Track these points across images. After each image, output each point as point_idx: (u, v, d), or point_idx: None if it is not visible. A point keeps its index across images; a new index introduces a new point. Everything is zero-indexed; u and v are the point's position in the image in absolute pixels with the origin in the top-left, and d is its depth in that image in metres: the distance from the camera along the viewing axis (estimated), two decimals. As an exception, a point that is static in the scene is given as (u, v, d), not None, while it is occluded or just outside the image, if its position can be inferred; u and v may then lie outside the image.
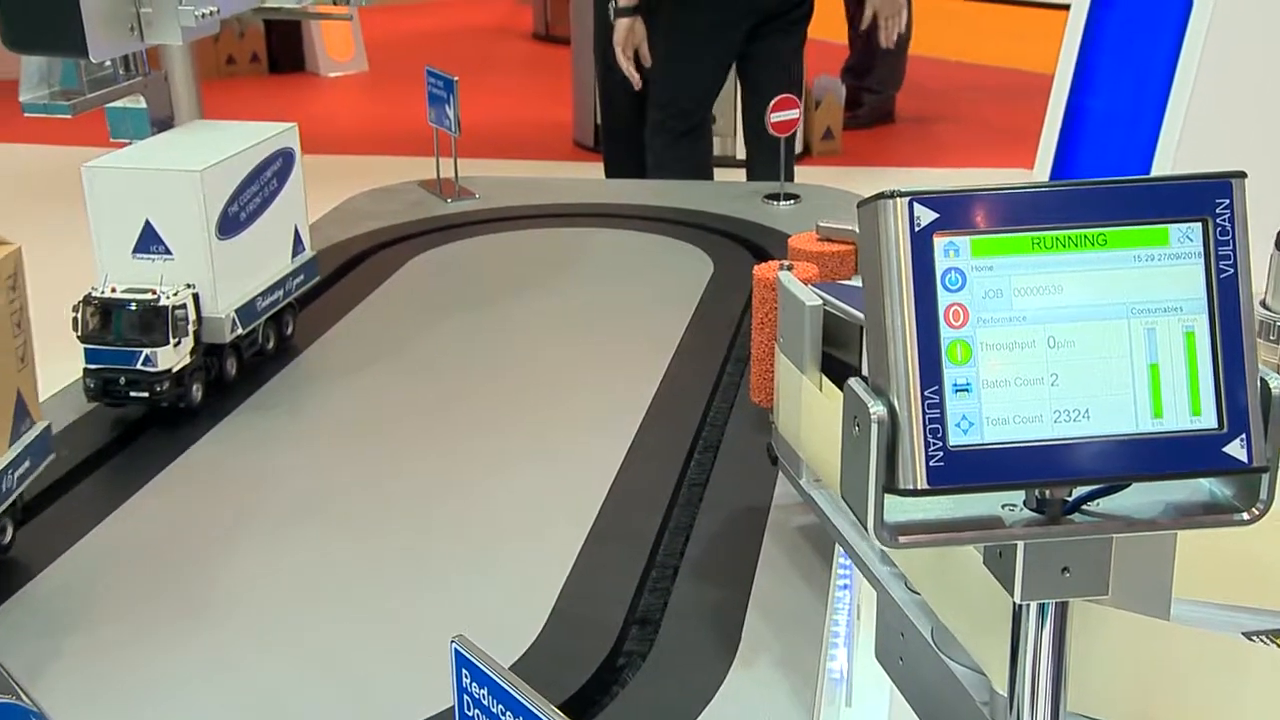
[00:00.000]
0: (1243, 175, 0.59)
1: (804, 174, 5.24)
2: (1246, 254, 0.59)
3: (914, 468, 0.58)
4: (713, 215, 2.10)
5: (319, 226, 2.08)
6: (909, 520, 0.60)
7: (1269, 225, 1.01)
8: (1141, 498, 0.61)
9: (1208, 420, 0.59)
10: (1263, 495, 0.59)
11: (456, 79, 2.11)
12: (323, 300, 1.77)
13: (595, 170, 4.24)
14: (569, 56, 5.80)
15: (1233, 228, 0.59)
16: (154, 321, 1.33)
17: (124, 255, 1.39)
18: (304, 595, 1.13)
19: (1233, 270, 0.59)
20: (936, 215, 0.58)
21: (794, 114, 2.06)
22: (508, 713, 0.62)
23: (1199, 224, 0.59)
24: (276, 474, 1.35)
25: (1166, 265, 0.59)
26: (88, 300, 1.36)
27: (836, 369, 1.07)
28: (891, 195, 0.59)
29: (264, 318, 1.52)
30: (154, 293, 1.34)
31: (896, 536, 0.60)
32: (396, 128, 6.20)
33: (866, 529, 0.60)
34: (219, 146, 1.47)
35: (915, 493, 0.58)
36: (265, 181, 1.53)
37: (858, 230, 0.62)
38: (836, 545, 1.11)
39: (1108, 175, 3.76)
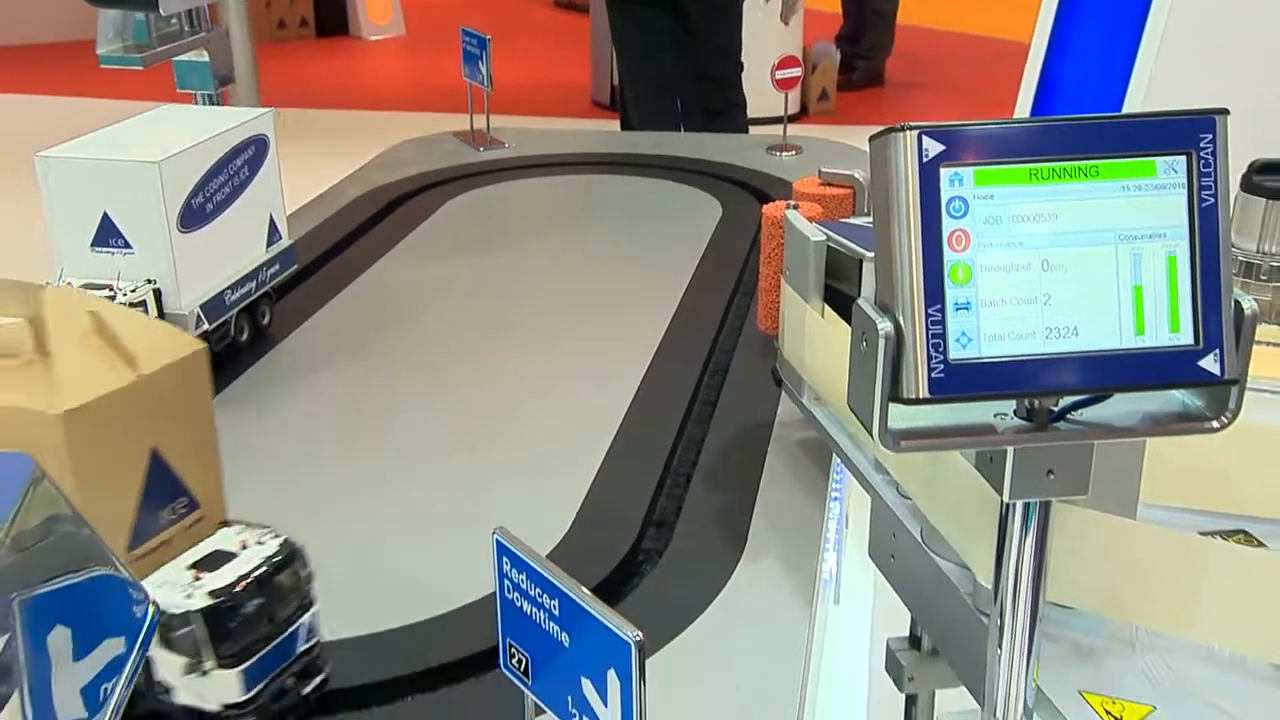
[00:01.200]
0: (1225, 112, 0.58)
1: (802, 130, 5.20)
2: (1226, 185, 0.58)
3: (917, 379, 0.57)
4: (720, 164, 2.08)
5: (367, 172, 2.07)
6: (910, 427, 0.59)
7: (1232, 173, 1.00)
8: (1121, 408, 0.60)
9: (1185, 337, 0.58)
10: (1231, 405, 0.58)
11: (490, 37, 2.09)
12: (369, 238, 1.77)
13: (612, 126, 4.21)
14: (589, 24, 5.73)
15: (1215, 161, 0.57)
16: None
17: (83, 248, 1.21)
18: (355, 498, 1.13)
19: (1213, 200, 0.57)
20: (943, 148, 0.57)
21: (796, 72, 2.03)
22: (544, 595, 0.62)
23: (1184, 157, 0.57)
24: (331, 388, 1.34)
25: (1152, 195, 0.58)
26: None
27: (837, 299, 1.06)
28: (903, 129, 0.57)
29: (235, 310, 1.33)
30: (110, 289, 1.16)
31: (899, 442, 0.59)
32: (431, 85, 6.15)
33: (872, 435, 0.59)
34: (184, 135, 1.26)
35: (917, 401, 0.57)
36: (235, 170, 1.32)
37: (869, 162, 0.60)
38: (834, 456, 1.11)
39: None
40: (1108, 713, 0.67)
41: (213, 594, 0.72)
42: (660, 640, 0.89)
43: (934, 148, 0.57)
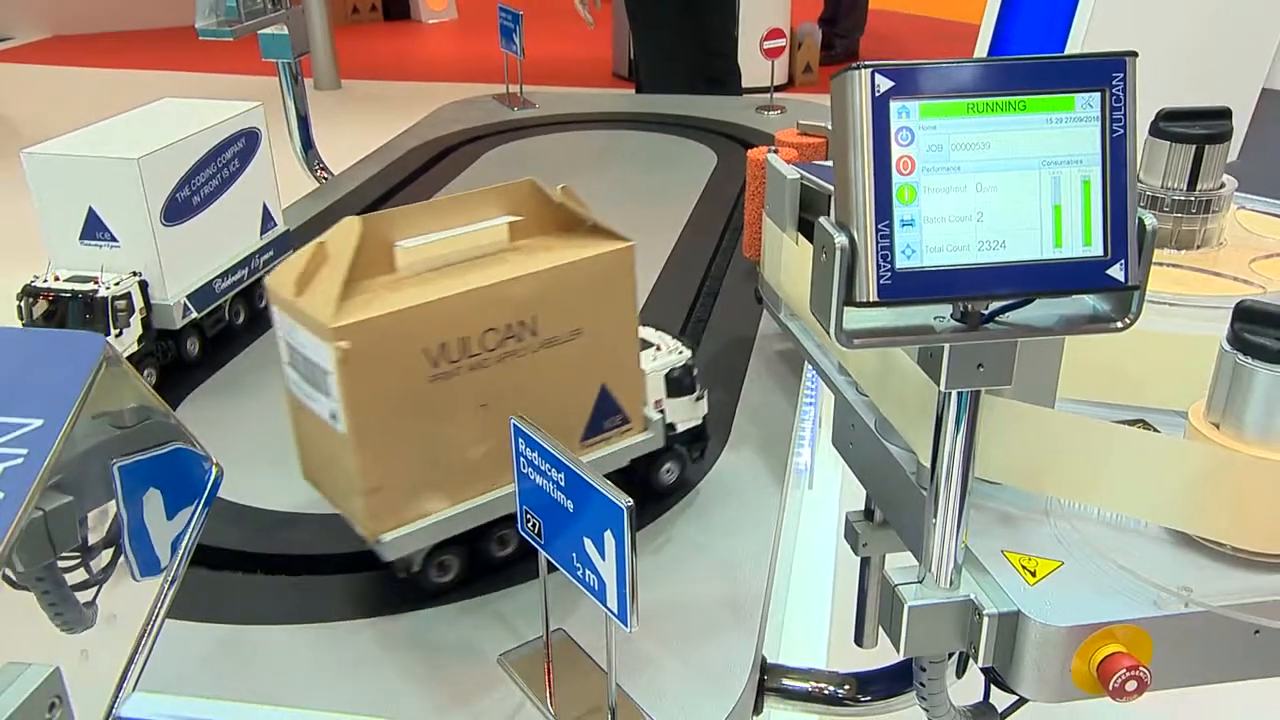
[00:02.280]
0: (1134, 54, 0.55)
1: (788, 96, 5.09)
2: (1135, 118, 0.55)
3: (868, 285, 0.55)
4: (718, 121, 2.03)
5: (418, 129, 2.03)
6: (862, 328, 0.57)
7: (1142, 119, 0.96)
8: (1041, 311, 0.58)
9: (1096, 249, 0.55)
10: (1133, 308, 0.57)
11: (522, 13, 2.03)
12: (421, 182, 1.73)
13: (629, 93, 4.13)
14: (610, 7, 5.60)
15: (1125, 97, 0.55)
16: (94, 312, 1.01)
17: (71, 242, 1.06)
18: None
19: (1123, 131, 0.55)
20: (893, 84, 0.55)
21: (782, 42, 1.98)
22: (551, 469, 0.61)
23: (1098, 93, 0.55)
24: None
25: (1071, 126, 0.55)
26: (28, 290, 1.03)
27: (809, 229, 1.04)
28: (858, 68, 0.55)
29: (227, 297, 1.18)
30: (95, 282, 1.03)
31: (852, 340, 0.57)
32: (477, 61, 6.05)
33: (829, 334, 0.58)
34: (171, 130, 1.11)
35: (868, 304, 0.55)
36: (224, 163, 1.18)
37: (830, 99, 0.58)
38: (805, 363, 1.09)
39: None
40: (1024, 567, 0.65)
41: (685, 356, 0.88)
42: (655, 513, 0.87)
43: (884, 84, 0.55)
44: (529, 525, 0.65)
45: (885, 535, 0.86)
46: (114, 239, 1.06)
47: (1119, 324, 0.57)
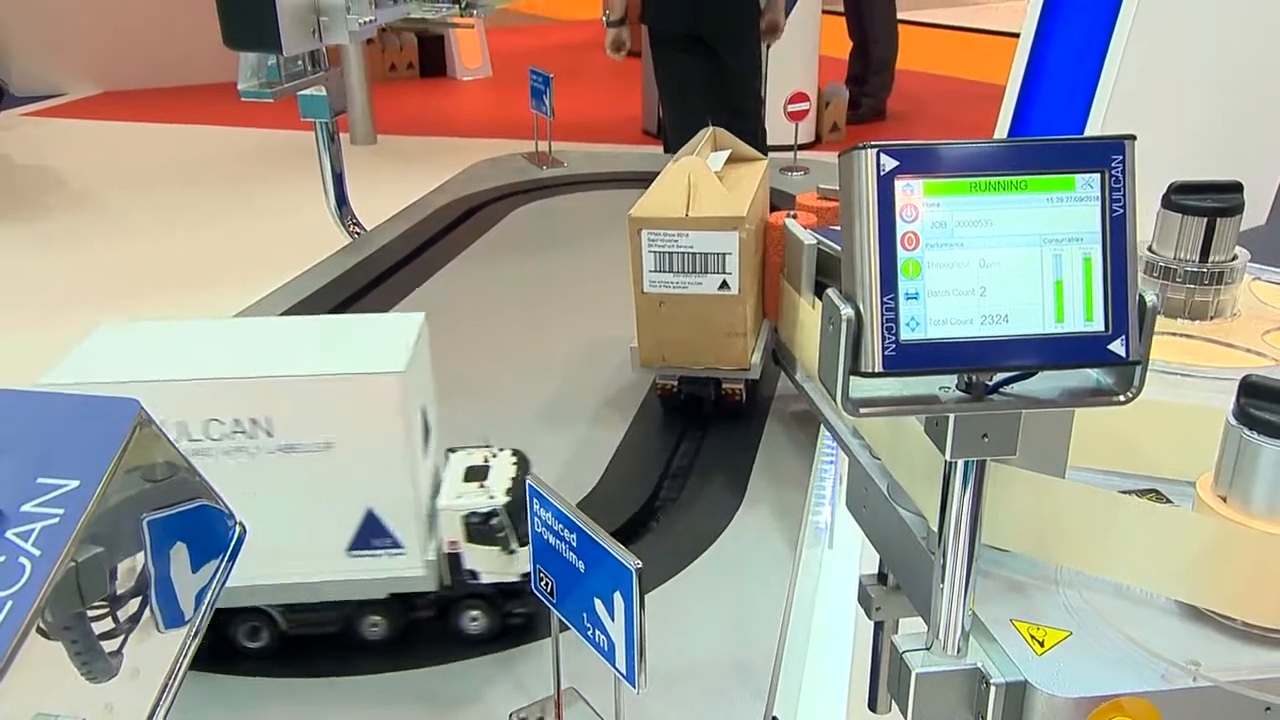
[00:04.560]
0: (1133, 138, 0.57)
1: (815, 155, 5.14)
2: (1134, 199, 0.57)
3: (873, 355, 0.57)
4: (742, 182, 2.06)
5: (449, 187, 2.07)
6: (868, 396, 0.59)
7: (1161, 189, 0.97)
8: (1045, 383, 0.59)
9: (1098, 324, 0.57)
10: (1135, 383, 0.58)
11: (552, 76, 2.08)
12: (451, 239, 1.77)
13: (658, 151, 4.19)
14: (640, 66, 5.71)
15: (1124, 178, 0.56)
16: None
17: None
18: None
19: (1123, 211, 0.56)
20: (897, 163, 0.57)
21: (805, 105, 2.01)
22: (565, 529, 0.62)
23: (1098, 174, 0.57)
24: None
25: (1072, 205, 0.57)
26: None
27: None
28: (864, 147, 0.57)
29: None
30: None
31: (858, 408, 0.59)
32: (509, 118, 6.14)
33: (836, 403, 0.59)
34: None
35: (873, 375, 0.57)
36: None
37: (838, 174, 0.60)
38: (821, 424, 1.10)
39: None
40: (1032, 636, 0.66)
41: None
42: (672, 570, 0.88)
43: (889, 163, 0.57)
44: (542, 584, 0.66)
45: (899, 600, 0.86)
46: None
47: (1121, 398, 0.58)
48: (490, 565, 0.77)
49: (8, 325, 3.51)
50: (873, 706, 0.93)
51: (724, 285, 1.06)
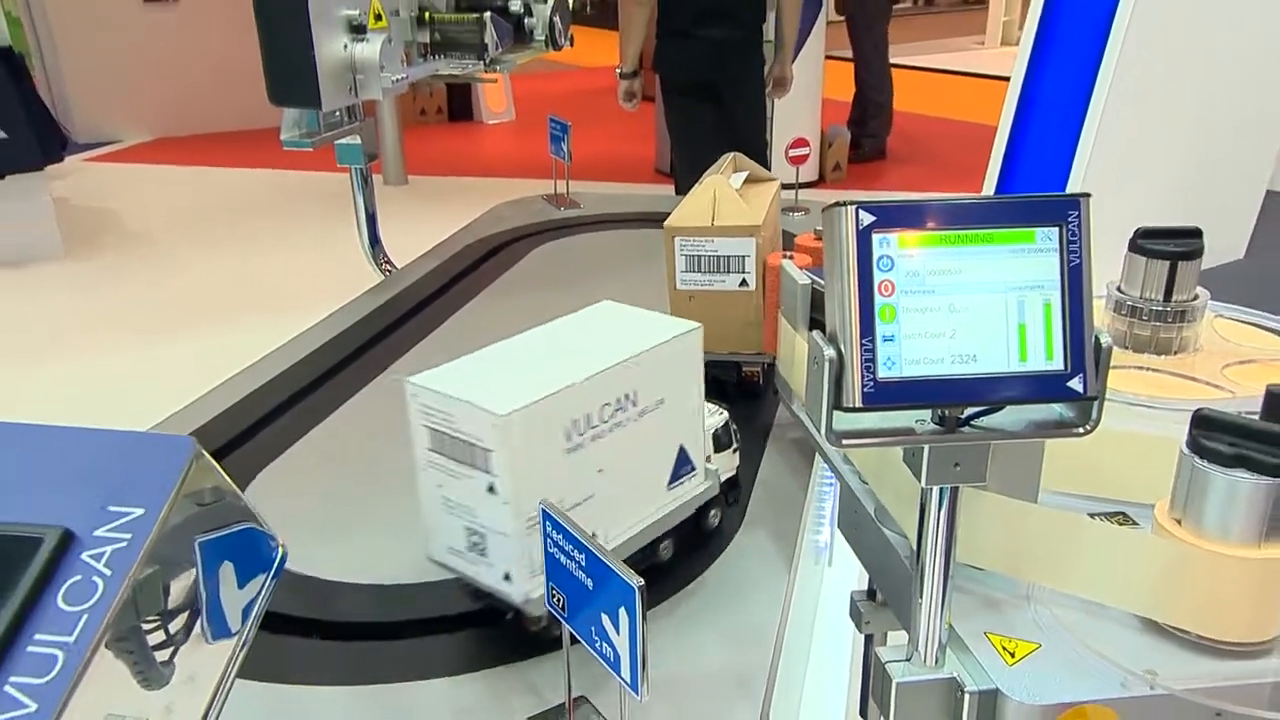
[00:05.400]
0: (1088, 195, 0.59)
1: (818, 194, 5.18)
2: (1089, 249, 0.59)
3: (853, 392, 0.59)
4: (747, 223, 2.08)
5: (475, 225, 2.11)
6: (850, 429, 0.61)
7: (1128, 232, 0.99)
8: (1011, 417, 0.61)
9: (1058, 363, 0.59)
10: (1094, 416, 0.60)
11: (570, 124, 2.12)
12: (475, 276, 1.80)
13: (669, 189, 4.23)
14: (652, 110, 5.77)
15: (1080, 231, 0.59)
16: None
17: None
18: None
19: (1079, 261, 0.59)
20: (874, 218, 0.59)
21: (805, 150, 2.04)
22: (575, 550, 0.64)
23: (1057, 228, 0.59)
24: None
25: (1033, 256, 0.59)
26: None
27: (822, 328, 1.07)
28: (844, 204, 0.59)
29: None
30: None
31: (840, 440, 0.60)
32: (531, 158, 6.21)
33: (820, 435, 0.61)
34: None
35: (854, 410, 0.59)
36: None
37: (823, 227, 0.62)
38: (816, 451, 1.12)
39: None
40: (1004, 648, 0.67)
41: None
42: (676, 588, 0.90)
43: (868, 219, 0.59)
44: (555, 600, 0.69)
45: (886, 615, 0.87)
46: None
47: (1081, 430, 0.60)
48: (727, 465, 0.96)
49: (66, 354, 3.57)
50: (863, 714, 0.94)
51: (743, 283, 1.21)
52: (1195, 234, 0.90)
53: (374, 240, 2.04)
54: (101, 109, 6.81)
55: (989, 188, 3.85)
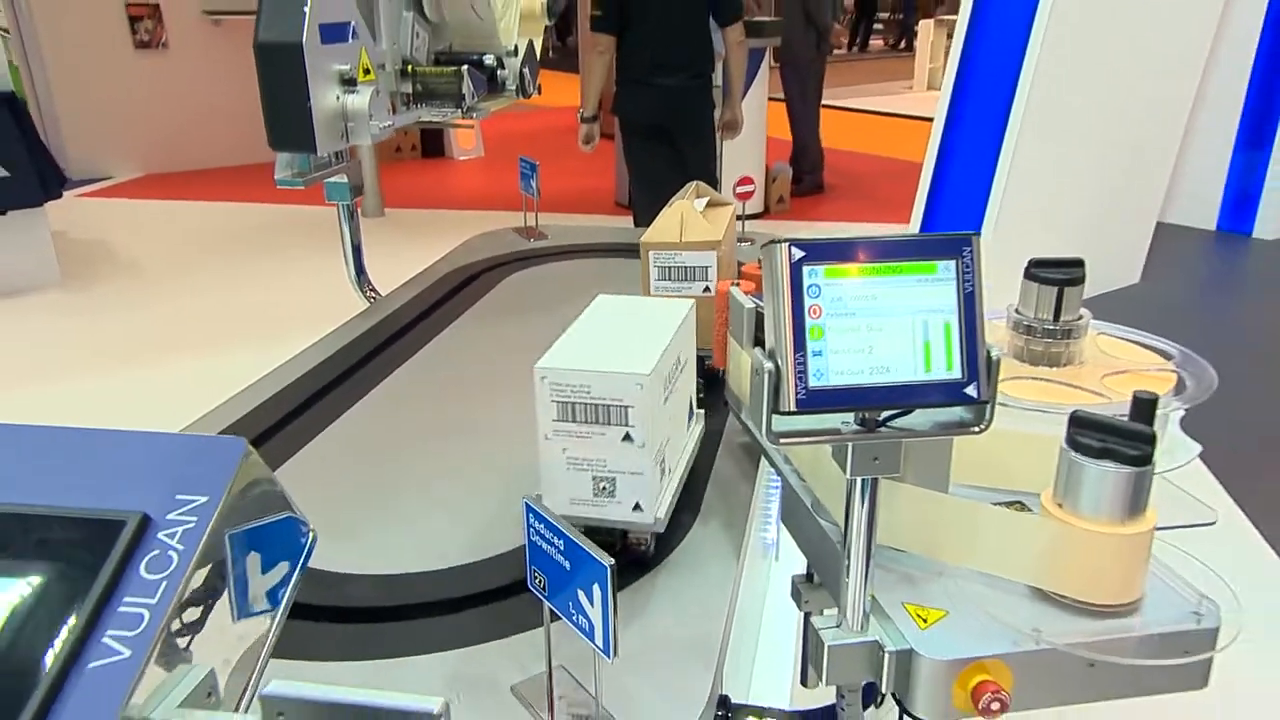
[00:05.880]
0: (978, 233, 0.66)
1: (764, 225, 5.28)
2: (981, 279, 0.66)
3: (789, 398, 0.64)
4: (698, 252, 2.14)
5: (451, 256, 2.14)
6: (786, 430, 0.67)
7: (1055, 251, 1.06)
8: (920, 418, 0.67)
9: (956, 373, 0.65)
10: (987, 416, 0.66)
11: (538, 163, 2.17)
12: (454, 302, 1.83)
13: (627, 220, 4.30)
14: (613, 147, 5.84)
15: (973, 264, 0.65)
16: None
17: None
18: (433, 476, 1.15)
19: (972, 288, 0.65)
20: (804, 254, 0.65)
21: (750, 187, 2.11)
22: (554, 536, 0.69)
23: (954, 261, 0.65)
24: (419, 409, 1.37)
25: (935, 285, 0.65)
26: None
27: (762, 346, 1.14)
28: (779, 242, 0.66)
29: None
30: None
31: (778, 439, 0.66)
32: (499, 191, 6.26)
33: (762, 435, 0.67)
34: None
35: (789, 413, 0.65)
36: None
37: (763, 261, 0.69)
38: (761, 454, 1.18)
39: (954, 228, 3.75)
40: (918, 615, 0.74)
41: None
42: (639, 573, 0.94)
43: (798, 254, 0.65)
44: (536, 582, 0.74)
45: (822, 594, 0.93)
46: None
47: (976, 429, 0.67)
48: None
49: (64, 376, 3.54)
50: (804, 682, 1.00)
51: (706, 289, 1.32)
52: (1078, 264, 0.98)
53: (359, 269, 2.07)
54: (94, 148, 6.73)
55: (915, 218, 3.98)
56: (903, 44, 15.68)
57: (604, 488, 0.91)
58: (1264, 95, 4.65)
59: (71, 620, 0.38)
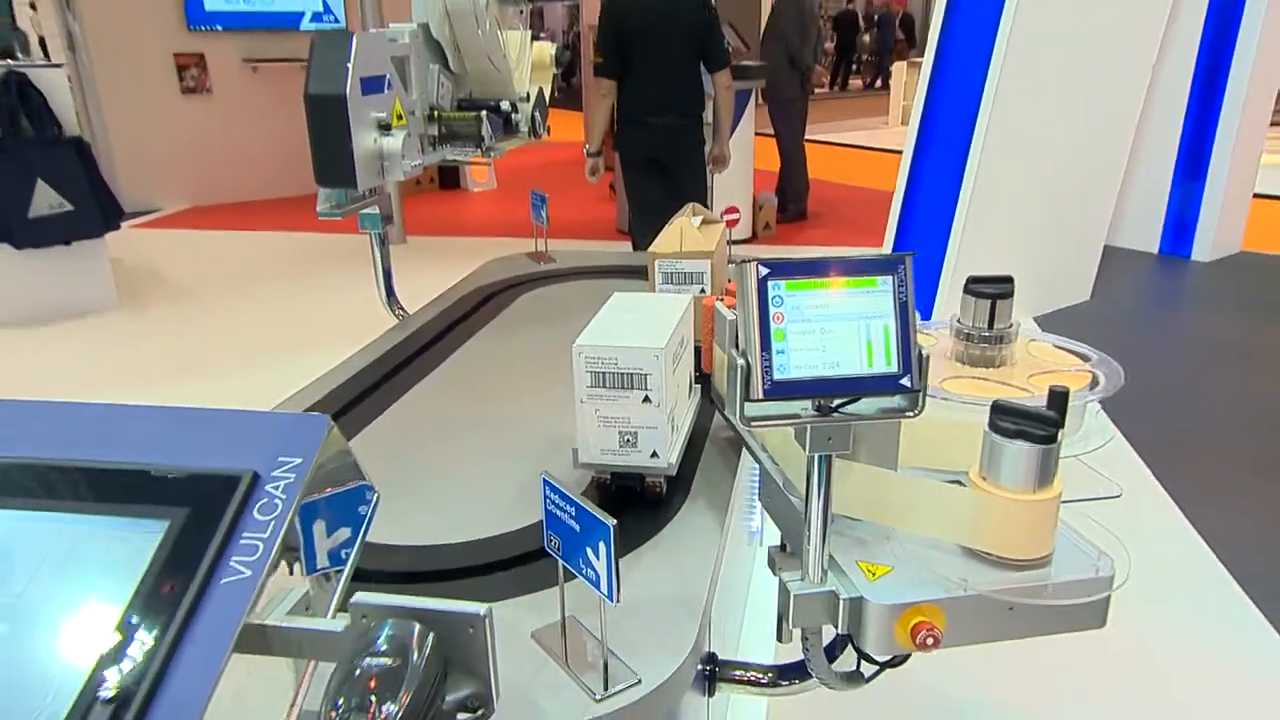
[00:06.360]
0: (913, 253, 0.75)
1: (751, 249, 5.36)
2: (911, 291, 0.74)
3: (758, 388, 0.72)
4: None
5: (471, 279, 2.20)
6: (756, 415, 0.74)
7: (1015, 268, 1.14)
8: (866, 405, 0.75)
9: (894, 368, 0.73)
10: (920, 404, 0.74)
11: (547, 196, 2.25)
12: (474, 318, 1.90)
13: (627, 245, 4.39)
14: (615, 178, 5.92)
15: (906, 278, 0.73)
16: None
17: None
18: (456, 469, 1.21)
19: (905, 299, 0.73)
20: (769, 271, 0.73)
21: (736, 215, 2.20)
22: (566, 504, 0.76)
23: (891, 276, 0.73)
24: (441, 411, 1.43)
25: (876, 295, 0.73)
26: None
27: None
28: (747, 262, 0.74)
29: None
30: None
31: (749, 422, 0.74)
32: (510, 220, 6.35)
33: (736, 420, 0.75)
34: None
35: (759, 401, 0.73)
36: None
37: (734, 279, 0.77)
38: (742, 445, 1.25)
39: (921, 250, 3.82)
40: (869, 570, 0.81)
41: None
42: (639, 541, 0.99)
43: (764, 271, 0.73)
44: (552, 544, 0.81)
45: (794, 561, 1.00)
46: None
47: (911, 414, 0.75)
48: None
49: (124, 387, 3.63)
50: (779, 638, 1.08)
51: (702, 290, 1.45)
52: (1008, 280, 1.07)
53: (389, 291, 2.14)
54: (145, 183, 6.84)
55: (887, 242, 4.06)
56: (878, 83, 15.83)
57: (628, 440, 1.04)
58: (1198, 133, 4.75)
59: (210, 548, 0.46)
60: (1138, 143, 4.51)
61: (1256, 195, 5.17)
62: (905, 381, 0.73)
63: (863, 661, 0.90)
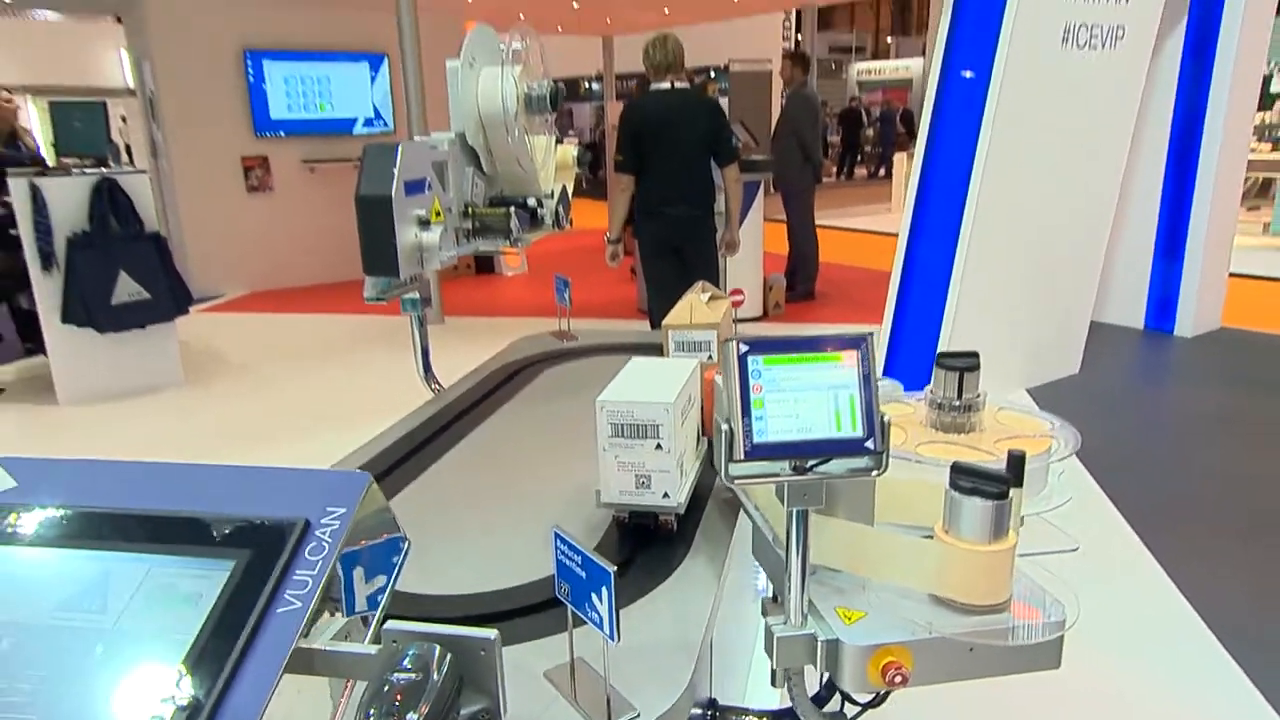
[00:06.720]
0: (873, 333, 0.80)
1: (760, 327, 5.43)
2: (875, 366, 0.79)
3: (740, 450, 0.77)
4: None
5: (499, 356, 2.21)
6: (739, 474, 0.79)
7: (998, 340, 1.18)
8: (836, 465, 0.79)
9: (860, 432, 0.77)
10: (883, 464, 0.78)
11: (570, 280, 2.33)
12: (502, 391, 1.95)
13: (645, 324, 4.47)
14: (634, 262, 6.04)
15: (869, 354, 0.78)
16: None
17: None
18: (480, 525, 1.25)
19: (868, 372, 0.79)
20: (748, 348, 0.79)
21: (741, 297, 2.27)
22: (574, 554, 0.80)
23: (855, 352, 0.79)
24: (470, 478, 1.47)
25: (842, 369, 0.78)
26: None
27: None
28: (731, 340, 0.80)
29: None
30: None
31: (733, 480, 0.79)
32: (540, 301, 6.48)
33: (722, 478, 0.80)
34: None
35: (741, 461, 0.78)
36: None
37: (718, 355, 0.83)
38: (740, 506, 1.28)
39: (918, 328, 3.88)
40: (845, 615, 0.85)
41: None
42: (642, 592, 1.03)
43: (744, 348, 0.79)
44: (562, 591, 0.85)
45: (782, 610, 1.04)
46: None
47: (875, 473, 0.79)
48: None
49: (190, 456, 3.71)
50: (773, 684, 1.10)
51: (709, 356, 1.49)
52: (974, 355, 1.12)
53: (427, 367, 2.21)
54: (210, 271, 7.10)
55: (886, 320, 4.12)
56: (881, 172, 16.15)
57: (643, 482, 1.13)
58: (1174, 215, 4.82)
59: (268, 583, 0.52)
60: (1120, 224, 4.58)
61: (1232, 274, 5.19)
62: (869, 444, 0.78)
63: (845, 703, 0.93)
